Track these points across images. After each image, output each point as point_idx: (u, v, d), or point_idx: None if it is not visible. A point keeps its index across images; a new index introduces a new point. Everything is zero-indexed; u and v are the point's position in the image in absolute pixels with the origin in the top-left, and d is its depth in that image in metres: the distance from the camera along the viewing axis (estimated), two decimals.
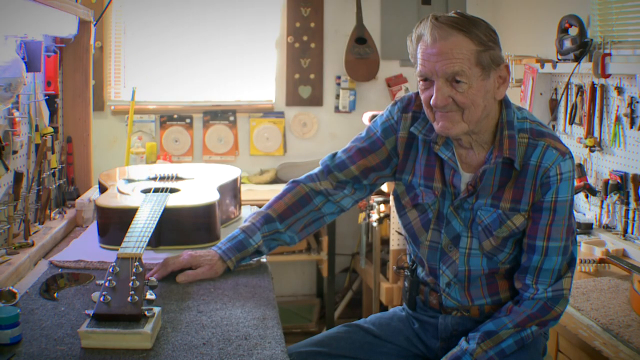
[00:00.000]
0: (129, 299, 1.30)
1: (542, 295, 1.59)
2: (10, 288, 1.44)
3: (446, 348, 1.69)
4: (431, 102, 1.51)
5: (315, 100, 4.05)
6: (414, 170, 1.68)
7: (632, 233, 2.52)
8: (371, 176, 1.75)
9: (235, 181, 2.15)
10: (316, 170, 1.81)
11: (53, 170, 2.21)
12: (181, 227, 1.84)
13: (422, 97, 1.56)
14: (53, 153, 2.20)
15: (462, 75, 1.47)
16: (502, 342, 1.57)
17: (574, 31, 2.86)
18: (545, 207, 1.56)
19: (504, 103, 1.59)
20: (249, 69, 4.01)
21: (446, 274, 1.67)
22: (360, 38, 3.95)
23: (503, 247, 1.62)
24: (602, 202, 2.69)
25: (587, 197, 2.81)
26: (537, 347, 1.69)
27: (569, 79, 2.91)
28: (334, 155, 1.79)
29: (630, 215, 2.53)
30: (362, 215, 3.52)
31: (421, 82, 1.54)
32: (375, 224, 3.37)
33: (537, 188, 1.56)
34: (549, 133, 1.59)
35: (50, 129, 2.12)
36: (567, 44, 2.87)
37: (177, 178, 2.14)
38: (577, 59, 2.81)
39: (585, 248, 2.52)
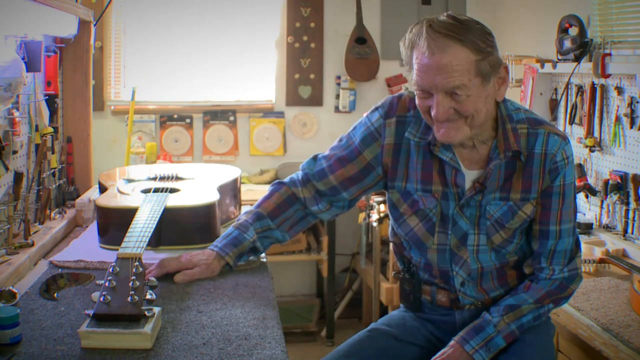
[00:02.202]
0: (129, 299, 1.30)
1: (559, 275, 1.64)
2: (10, 288, 1.44)
3: None
4: (432, 115, 1.50)
5: (315, 100, 4.06)
6: (407, 175, 1.65)
7: (632, 233, 2.52)
8: (352, 189, 1.71)
9: (235, 181, 2.15)
10: (299, 174, 1.78)
11: (53, 170, 2.21)
12: (181, 227, 1.84)
13: (420, 105, 1.54)
14: (53, 153, 2.20)
15: (462, 88, 1.45)
16: (523, 317, 1.61)
17: (574, 31, 2.86)
18: (555, 192, 1.60)
19: None
20: (249, 69, 4.01)
21: (460, 274, 1.66)
22: (360, 38, 3.95)
23: (512, 238, 1.64)
24: (602, 202, 2.69)
25: (587, 197, 2.81)
26: (550, 332, 1.74)
27: (569, 79, 2.91)
28: (315, 159, 1.76)
29: (630, 215, 2.53)
30: (362, 215, 3.52)
31: (418, 92, 1.52)
32: (375, 224, 3.37)
33: (545, 175, 1.59)
34: (543, 120, 1.63)
35: (50, 129, 2.12)
36: (567, 44, 2.87)
37: (177, 178, 2.14)
38: (577, 59, 2.81)
39: (585, 248, 2.52)
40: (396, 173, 1.66)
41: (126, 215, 1.77)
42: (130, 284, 1.35)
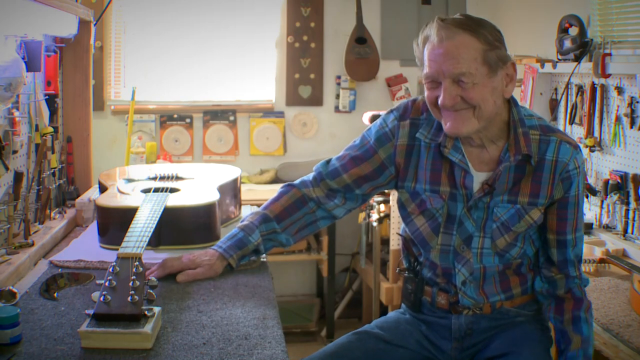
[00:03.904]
0: (129, 298, 1.30)
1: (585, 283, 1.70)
2: (10, 288, 1.44)
3: (460, 348, 1.70)
4: (439, 102, 1.52)
5: (315, 100, 4.06)
6: (416, 176, 1.67)
7: (632, 233, 2.52)
8: (365, 186, 1.74)
9: (235, 181, 2.15)
10: (310, 176, 1.80)
11: (53, 170, 2.21)
12: (181, 227, 1.83)
13: (428, 97, 1.56)
14: (53, 153, 2.20)
15: (469, 76, 1.48)
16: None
17: (574, 31, 2.86)
18: (570, 202, 1.63)
19: (512, 101, 1.62)
20: (249, 69, 4.01)
21: (462, 273, 1.66)
22: (360, 38, 3.95)
23: (516, 242, 1.65)
24: (602, 202, 2.69)
25: (587, 197, 2.81)
26: (547, 344, 1.72)
27: (569, 79, 2.91)
28: (328, 162, 1.78)
29: (630, 215, 2.53)
30: (362, 215, 3.52)
31: (427, 83, 1.55)
32: (375, 224, 3.37)
33: (556, 183, 1.60)
34: (556, 128, 1.65)
35: (50, 129, 2.12)
36: (567, 44, 2.87)
37: (177, 178, 2.14)
38: (577, 59, 2.81)
39: (585, 248, 2.50)
40: (407, 173, 1.69)
41: (126, 215, 1.77)
42: (131, 283, 1.35)
